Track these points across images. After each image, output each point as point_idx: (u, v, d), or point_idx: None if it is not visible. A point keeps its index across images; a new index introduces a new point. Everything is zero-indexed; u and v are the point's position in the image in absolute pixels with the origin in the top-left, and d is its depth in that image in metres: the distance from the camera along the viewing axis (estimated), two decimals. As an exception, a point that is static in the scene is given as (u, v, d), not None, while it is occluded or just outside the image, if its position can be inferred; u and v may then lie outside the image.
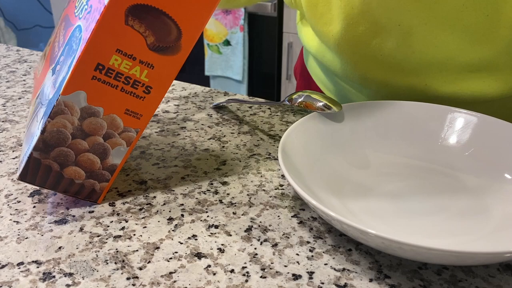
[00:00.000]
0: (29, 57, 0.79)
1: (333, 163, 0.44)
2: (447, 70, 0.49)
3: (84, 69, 0.35)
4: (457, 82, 0.50)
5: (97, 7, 0.35)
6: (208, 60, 2.14)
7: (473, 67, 0.48)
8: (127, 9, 0.33)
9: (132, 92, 0.36)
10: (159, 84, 0.37)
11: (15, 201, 0.40)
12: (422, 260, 0.32)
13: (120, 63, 0.35)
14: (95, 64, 0.35)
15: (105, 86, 0.36)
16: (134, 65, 0.35)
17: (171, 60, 0.36)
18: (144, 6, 0.34)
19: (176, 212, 0.39)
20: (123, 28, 0.34)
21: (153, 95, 0.37)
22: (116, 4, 0.33)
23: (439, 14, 0.45)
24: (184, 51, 0.36)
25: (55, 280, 0.32)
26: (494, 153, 0.44)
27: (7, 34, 2.68)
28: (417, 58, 0.49)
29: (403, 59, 0.49)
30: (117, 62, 0.35)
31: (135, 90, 0.36)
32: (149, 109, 0.37)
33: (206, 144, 0.51)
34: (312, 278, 0.33)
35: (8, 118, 0.56)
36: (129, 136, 0.38)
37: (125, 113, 0.37)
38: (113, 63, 0.35)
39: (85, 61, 0.34)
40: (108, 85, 0.36)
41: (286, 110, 0.60)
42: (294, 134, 0.43)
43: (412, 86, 0.51)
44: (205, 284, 0.32)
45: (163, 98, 0.45)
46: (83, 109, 0.36)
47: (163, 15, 0.34)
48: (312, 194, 0.38)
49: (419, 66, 0.49)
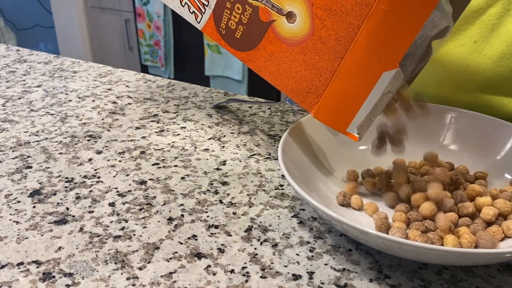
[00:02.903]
0: (29, 57, 0.79)
1: (333, 163, 0.44)
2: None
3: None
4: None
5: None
6: (208, 60, 2.14)
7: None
8: None
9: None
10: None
11: (15, 201, 0.40)
12: (422, 260, 0.32)
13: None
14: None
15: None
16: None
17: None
18: None
19: (176, 212, 0.39)
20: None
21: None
22: None
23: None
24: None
25: (55, 280, 0.32)
26: (494, 153, 0.44)
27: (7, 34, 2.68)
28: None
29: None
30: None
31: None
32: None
33: (206, 144, 0.51)
34: (312, 278, 0.33)
35: (8, 118, 0.56)
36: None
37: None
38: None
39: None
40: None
41: (286, 110, 0.60)
42: (294, 134, 0.43)
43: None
44: (205, 284, 0.32)
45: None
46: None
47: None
48: (312, 194, 0.37)
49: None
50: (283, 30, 0.37)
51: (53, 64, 0.76)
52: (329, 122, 0.37)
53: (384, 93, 0.35)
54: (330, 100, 0.37)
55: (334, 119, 0.37)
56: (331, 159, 0.45)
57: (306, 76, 0.37)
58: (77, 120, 0.56)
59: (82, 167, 0.46)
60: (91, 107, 0.60)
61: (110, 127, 0.54)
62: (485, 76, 0.48)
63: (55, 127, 0.54)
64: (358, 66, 0.35)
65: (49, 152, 0.48)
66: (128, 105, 0.60)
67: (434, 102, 0.49)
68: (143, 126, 0.55)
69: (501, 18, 0.46)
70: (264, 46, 0.39)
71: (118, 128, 0.54)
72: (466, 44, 0.48)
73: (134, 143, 0.51)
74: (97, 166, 0.46)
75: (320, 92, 0.37)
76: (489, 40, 0.47)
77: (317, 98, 0.37)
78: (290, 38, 0.37)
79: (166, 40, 2.28)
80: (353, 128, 0.36)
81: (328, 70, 0.36)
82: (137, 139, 0.52)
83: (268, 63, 0.39)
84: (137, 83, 0.68)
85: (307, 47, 0.36)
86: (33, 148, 0.49)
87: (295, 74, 0.38)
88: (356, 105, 0.36)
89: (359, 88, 0.35)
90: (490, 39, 0.47)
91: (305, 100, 0.38)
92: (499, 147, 0.44)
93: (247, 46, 0.40)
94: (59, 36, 2.64)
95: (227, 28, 0.40)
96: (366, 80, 0.35)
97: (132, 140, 0.51)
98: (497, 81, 0.48)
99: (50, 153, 0.48)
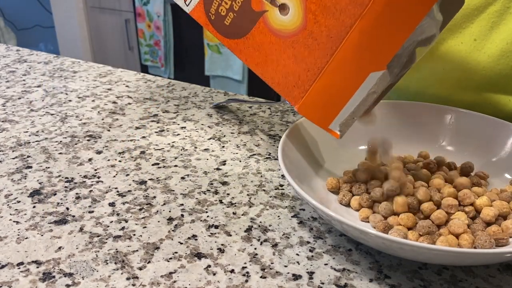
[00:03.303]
0: (29, 57, 0.79)
1: (333, 163, 0.44)
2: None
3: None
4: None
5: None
6: (208, 60, 2.14)
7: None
8: None
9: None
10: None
11: (15, 201, 0.40)
12: (422, 260, 0.32)
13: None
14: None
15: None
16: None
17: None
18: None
19: (176, 212, 0.39)
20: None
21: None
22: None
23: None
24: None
25: (55, 280, 0.32)
26: (494, 153, 0.44)
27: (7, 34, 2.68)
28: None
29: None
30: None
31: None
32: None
33: (206, 144, 0.51)
34: (312, 278, 0.33)
35: (8, 118, 0.56)
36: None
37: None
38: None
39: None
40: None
41: (286, 110, 0.60)
42: (294, 134, 0.43)
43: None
44: (205, 284, 0.32)
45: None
46: None
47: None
48: (312, 194, 0.37)
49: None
50: (275, 21, 0.37)
51: (53, 64, 0.76)
52: (313, 117, 0.37)
53: (369, 93, 0.35)
54: (315, 96, 0.37)
55: (317, 115, 0.37)
56: (331, 159, 0.45)
57: (293, 70, 0.37)
58: (77, 120, 0.56)
59: (82, 167, 0.46)
60: (91, 107, 0.60)
61: (110, 127, 0.54)
62: (485, 74, 0.48)
63: (55, 127, 0.54)
64: (346, 64, 0.35)
65: (49, 152, 0.48)
66: (128, 105, 0.60)
67: (434, 101, 0.49)
68: (143, 126, 0.55)
69: (501, 16, 0.46)
70: (253, 35, 0.38)
71: (118, 128, 0.54)
72: (466, 42, 0.48)
73: (134, 143, 0.51)
74: (97, 166, 0.46)
75: (306, 88, 0.37)
76: (489, 38, 0.47)
77: (302, 93, 0.37)
78: (281, 30, 0.37)
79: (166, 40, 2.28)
80: (336, 125, 0.36)
81: (317, 66, 0.36)
82: (137, 139, 0.52)
83: (256, 54, 0.39)
84: (137, 83, 0.68)
85: (297, 41, 0.36)
86: (33, 148, 0.49)
87: (282, 67, 0.38)
88: (341, 102, 0.36)
89: (345, 86, 0.35)
90: (490, 37, 0.47)
91: (290, 94, 0.38)
92: (499, 147, 0.44)
93: (236, 34, 0.39)
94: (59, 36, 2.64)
95: (216, 14, 0.40)
96: (353, 79, 0.35)
97: (132, 140, 0.51)
98: (497, 79, 0.48)
99: (50, 153, 0.48)
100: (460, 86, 0.50)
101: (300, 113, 0.38)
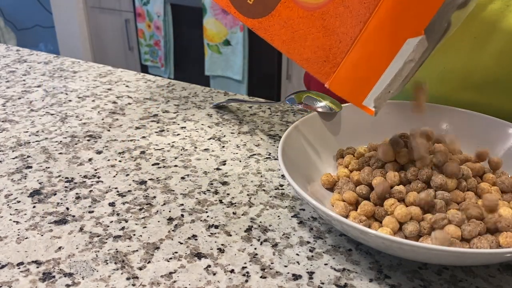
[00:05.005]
0: (29, 57, 0.79)
1: (333, 163, 0.44)
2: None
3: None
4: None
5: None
6: (208, 60, 2.14)
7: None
8: None
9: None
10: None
11: (15, 201, 0.40)
12: (422, 260, 0.32)
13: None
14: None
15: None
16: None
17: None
18: None
19: (176, 212, 0.39)
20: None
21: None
22: None
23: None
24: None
25: (55, 280, 0.32)
26: (494, 153, 0.44)
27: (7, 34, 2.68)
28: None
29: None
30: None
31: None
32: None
33: (206, 144, 0.51)
34: (312, 278, 0.33)
35: (8, 118, 0.56)
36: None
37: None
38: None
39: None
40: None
41: (286, 110, 0.60)
42: (294, 134, 0.43)
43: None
44: (205, 284, 0.32)
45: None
46: None
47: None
48: (312, 194, 0.37)
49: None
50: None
51: (53, 64, 0.76)
52: (345, 93, 0.35)
53: (405, 62, 0.32)
54: (348, 70, 0.34)
55: (350, 91, 0.35)
56: (331, 159, 0.45)
57: (323, 44, 0.35)
58: (77, 120, 0.56)
59: (82, 167, 0.46)
60: (91, 107, 0.60)
61: (110, 127, 0.54)
62: (485, 72, 0.48)
63: (55, 127, 0.54)
64: (381, 31, 0.32)
65: (49, 152, 0.48)
66: (128, 105, 0.60)
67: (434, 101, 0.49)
68: (143, 126, 0.55)
69: (501, 14, 0.46)
70: (279, 12, 0.36)
71: (118, 128, 0.54)
72: (466, 40, 0.48)
73: (134, 143, 0.51)
74: (97, 166, 0.46)
75: (338, 61, 0.35)
76: (489, 36, 0.47)
77: (334, 67, 0.35)
78: (309, 2, 0.35)
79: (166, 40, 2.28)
80: (370, 100, 0.34)
81: (349, 36, 0.34)
82: (137, 139, 0.52)
83: (282, 31, 0.37)
84: (137, 83, 0.68)
85: (328, 12, 0.34)
86: (33, 148, 0.49)
87: (311, 42, 0.35)
88: (376, 74, 0.33)
89: (381, 55, 0.33)
90: (490, 35, 0.47)
91: (321, 70, 0.36)
92: (499, 147, 0.44)
93: (260, 12, 0.37)
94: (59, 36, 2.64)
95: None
96: (389, 47, 0.32)
97: (132, 140, 0.51)
98: (497, 77, 0.48)
99: (50, 153, 0.48)
100: (460, 85, 0.50)
101: (332, 89, 0.35)
